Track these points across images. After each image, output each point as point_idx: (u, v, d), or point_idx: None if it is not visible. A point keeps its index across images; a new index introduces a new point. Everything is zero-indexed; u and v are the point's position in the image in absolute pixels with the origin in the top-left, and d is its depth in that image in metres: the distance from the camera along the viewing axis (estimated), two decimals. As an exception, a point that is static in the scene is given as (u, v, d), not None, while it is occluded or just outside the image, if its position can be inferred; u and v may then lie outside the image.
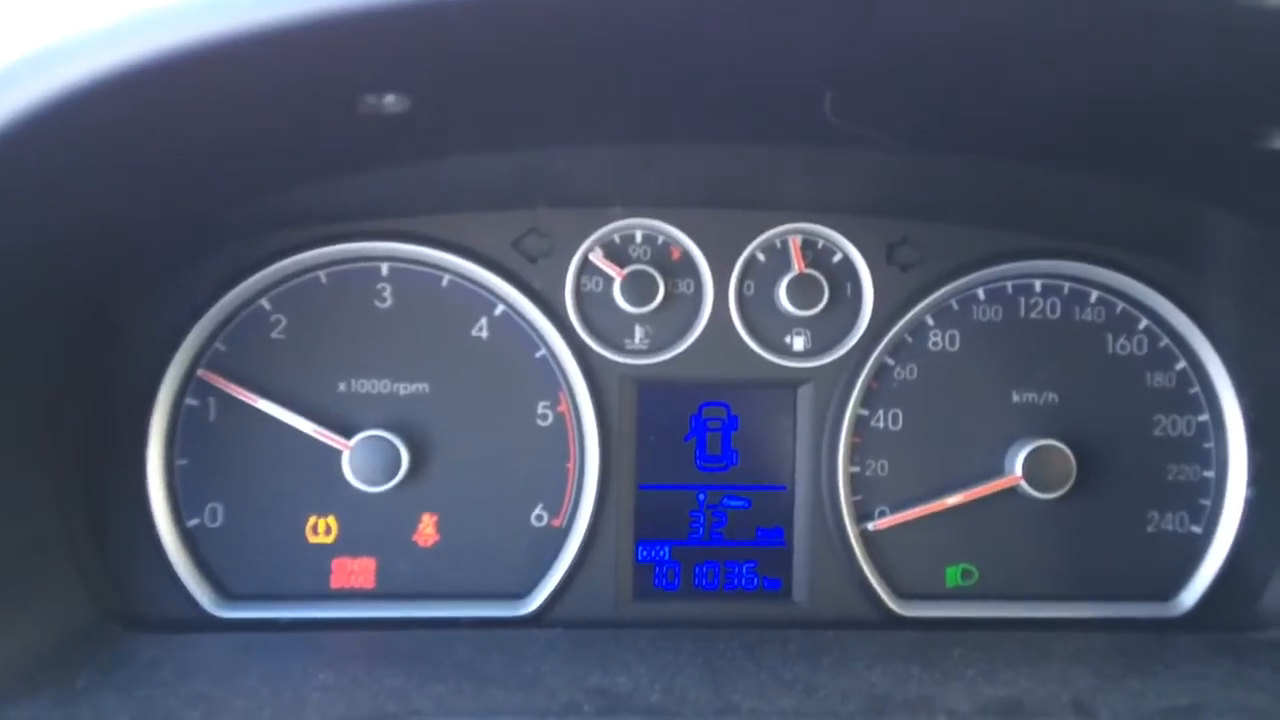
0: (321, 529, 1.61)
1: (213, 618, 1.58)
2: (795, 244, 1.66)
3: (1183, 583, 1.69)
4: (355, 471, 1.57)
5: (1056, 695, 1.25)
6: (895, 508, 1.67)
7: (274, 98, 1.11)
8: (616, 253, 1.65)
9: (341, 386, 1.62)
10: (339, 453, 1.58)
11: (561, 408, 1.65)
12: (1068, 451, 1.64)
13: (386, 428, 1.59)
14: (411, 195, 1.57)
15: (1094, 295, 1.70)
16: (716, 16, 1.01)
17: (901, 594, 1.67)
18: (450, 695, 1.23)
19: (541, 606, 1.62)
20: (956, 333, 1.69)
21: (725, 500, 1.68)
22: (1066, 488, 1.64)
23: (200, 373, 1.59)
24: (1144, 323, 1.70)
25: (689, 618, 1.62)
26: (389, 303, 1.63)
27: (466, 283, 1.64)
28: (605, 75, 1.20)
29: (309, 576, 1.61)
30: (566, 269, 1.64)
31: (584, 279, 1.65)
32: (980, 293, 1.69)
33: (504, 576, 1.64)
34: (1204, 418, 1.70)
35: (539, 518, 1.65)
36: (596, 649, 1.40)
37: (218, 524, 1.60)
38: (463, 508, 1.63)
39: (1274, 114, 1.18)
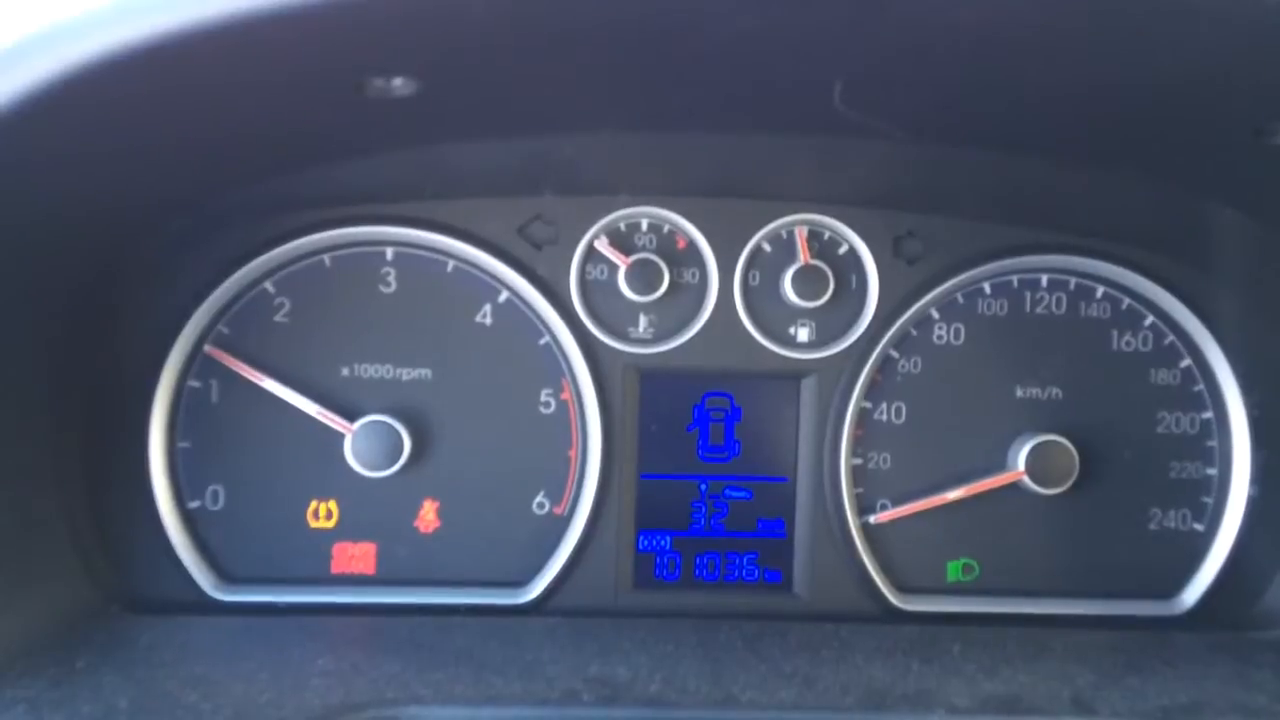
0: (322, 513, 1.61)
1: (213, 601, 1.58)
2: (801, 235, 1.66)
3: (1184, 581, 1.69)
4: (357, 456, 1.57)
5: (1056, 692, 1.25)
6: (897, 501, 1.67)
7: (281, 79, 1.11)
8: (622, 241, 1.65)
9: (344, 371, 1.61)
10: (341, 437, 1.58)
11: (564, 395, 1.64)
12: (1071, 447, 1.64)
13: (389, 413, 1.59)
14: (417, 180, 1.57)
15: (1100, 291, 1.70)
16: (728, 6, 1.01)
17: (902, 588, 1.67)
18: (449, 682, 1.23)
19: (542, 595, 1.62)
20: (961, 326, 1.68)
21: (727, 491, 1.68)
22: (1069, 484, 1.64)
23: (207, 348, 1.59)
24: (1149, 319, 1.70)
25: (689, 608, 1.62)
26: (393, 287, 1.62)
27: (471, 269, 1.63)
28: (614, 62, 1.20)
29: (309, 561, 1.61)
30: (571, 256, 1.63)
31: (589, 267, 1.64)
32: (986, 287, 1.69)
33: (504, 564, 1.64)
34: (1208, 415, 1.70)
35: (540, 505, 1.64)
36: (596, 638, 1.40)
37: (219, 507, 1.60)
38: (464, 494, 1.63)
39: (1286, 111, 1.18)
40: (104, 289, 1.52)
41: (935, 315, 1.68)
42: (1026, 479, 1.63)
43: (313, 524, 1.62)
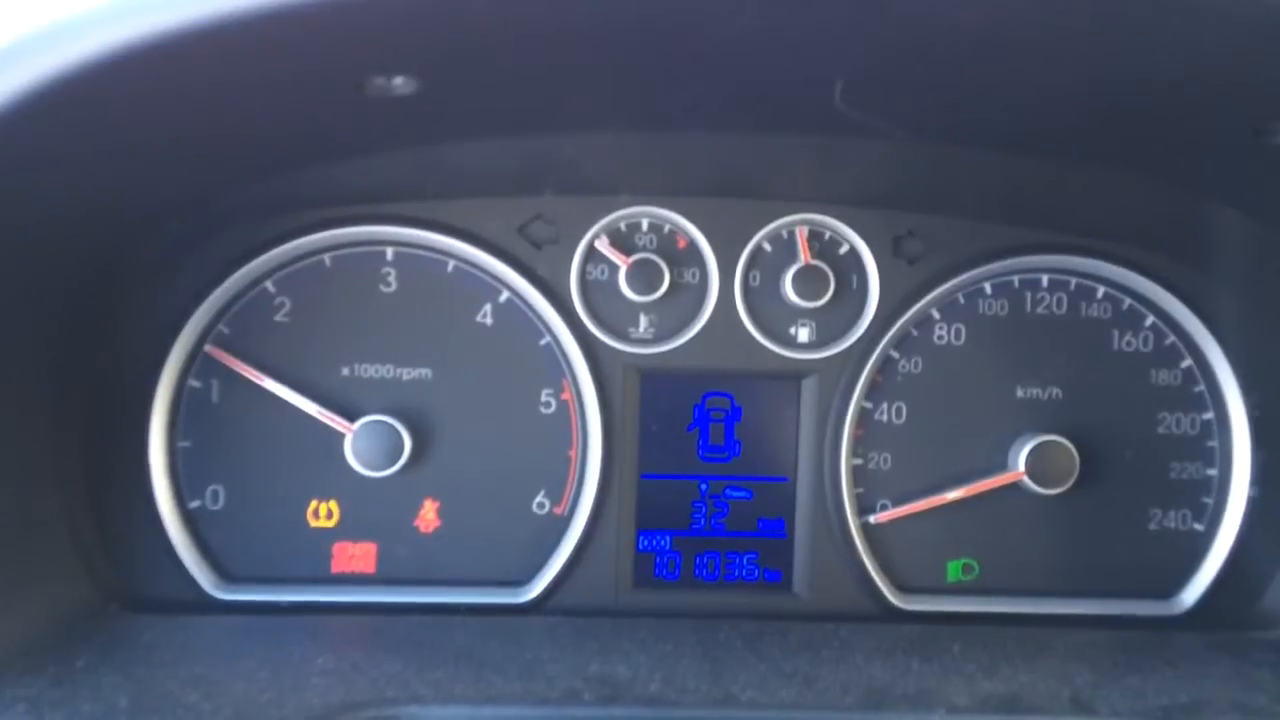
0: (323, 513, 1.61)
1: (213, 600, 1.58)
2: (802, 235, 1.65)
3: (1184, 581, 1.69)
4: (357, 456, 1.57)
5: (1056, 691, 1.25)
6: (897, 501, 1.67)
7: (282, 78, 1.11)
8: (622, 241, 1.65)
9: (344, 371, 1.61)
10: (341, 437, 1.58)
11: (565, 395, 1.64)
12: (1071, 448, 1.63)
13: (389, 413, 1.59)
14: (418, 180, 1.57)
15: (1100, 291, 1.69)
16: (728, 7, 1.01)
17: (902, 588, 1.67)
18: (449, 681, 1.23)
19: (542, 594, 1.62)
20: (962, 326, 1.68)
21: (727, 491, 1.68)
22: (1069, 484, 1.64)
23: (207, 348, 1.59)
24: (1150, 319, 1.70)
25: (689, 608, 1.62)
26: (393, 287, 1.62)
27: (471, 268, 1.63)
28: (615, 62, 1.20)
29: (310, 560, 1.61)
30: (572, 256, 1.63)
31: (589, 267, 1.64)
32: (986, 287, 1.69)
33: (505, 563, 1.64)
34: (1208, 416, 1.70)
35: (540, 505, 1.64)
36: (596, 637, 1.40)
37: (219, 506, 1.60)
38: (464, 494, 1.63)
39: (1286, 111, 1.18)
40: (104, 289, 1.52)
41: (936, 315, 1.68)
42: (1027, 479, 1.63)
43: (313, 523, 1.62)
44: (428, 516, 1.63)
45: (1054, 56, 1.11)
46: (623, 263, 1.62)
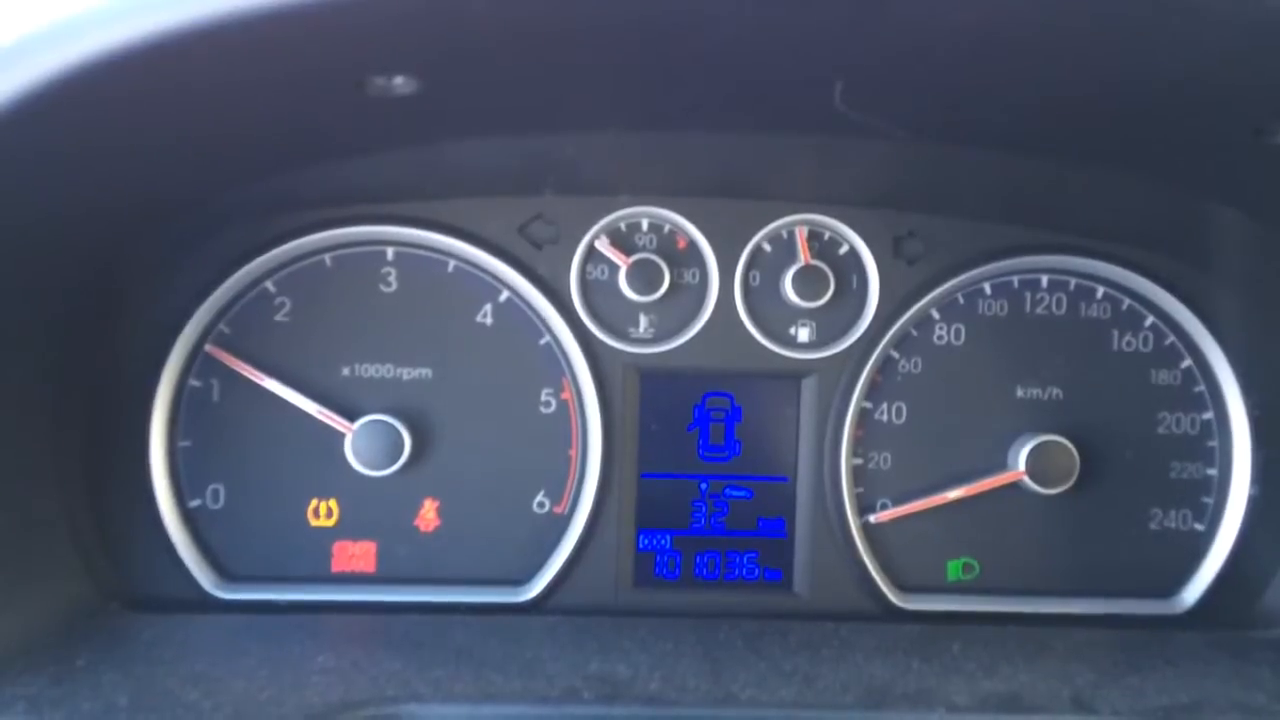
0: (323, 512, 1.61)
1: (213, 598, 1.58)
2: (801, 235, 1.66)
3: (1184, 580, 1.69)
4: (357, 455, 1.57)
5: (1056, 691, 1.25)
6: (897, 500, 1.67)
7: (282, 78, 1.11)
8: (623, 241, 1.65)
9: (345, 370, 1.62)
10: (341, 436, 1.58)
11: (565, 395, 1.65)
12: (1071, 447, 1.63)
13: (389, 412, 1.59)
14: (418, 179, 1.57)
15: (1100, 291, 1.70)
16: (728, 7, 1.01)
17: (902, 587, 1.67)
18: (449, 680, 1.23)
19: (542, 593, 1.62)
20: (962, 327, 1.68)
21: (727, 490, 1.68)
22: (1069, 484, 1.64)
23: (207, 348, 1.59)
24: (1150, 319, 1.70)
25: (689, 607, 1.62)
26: (394, 287, 1.62)
27: (472, 268, 1.63)
28: (615, 62, 1.20)
29: (310, 559, 1.61)
30: (572, 256, 1.63)
31: (589, 266, 1.64)
32: (986, 287, 1.69)
33: (505, 562, 1.64)
34: (1208, 416, 1.70)
35: (541, 504, 1.65)
36: (596, 636, 1.40)
37: (219, 505, 1.60)
38: (464, 493, 1.63)
39: (1285, 111, 1.18)
40: (104, 289, 1.52)
41: (935, 315, 1.68)
42: (1027, 479, 1.63)
43: (313, 522, 1.62)
44: (428, 516, 1.63)
45: (1054, 57, 1.11)
46: (623, 263, 1.62)
